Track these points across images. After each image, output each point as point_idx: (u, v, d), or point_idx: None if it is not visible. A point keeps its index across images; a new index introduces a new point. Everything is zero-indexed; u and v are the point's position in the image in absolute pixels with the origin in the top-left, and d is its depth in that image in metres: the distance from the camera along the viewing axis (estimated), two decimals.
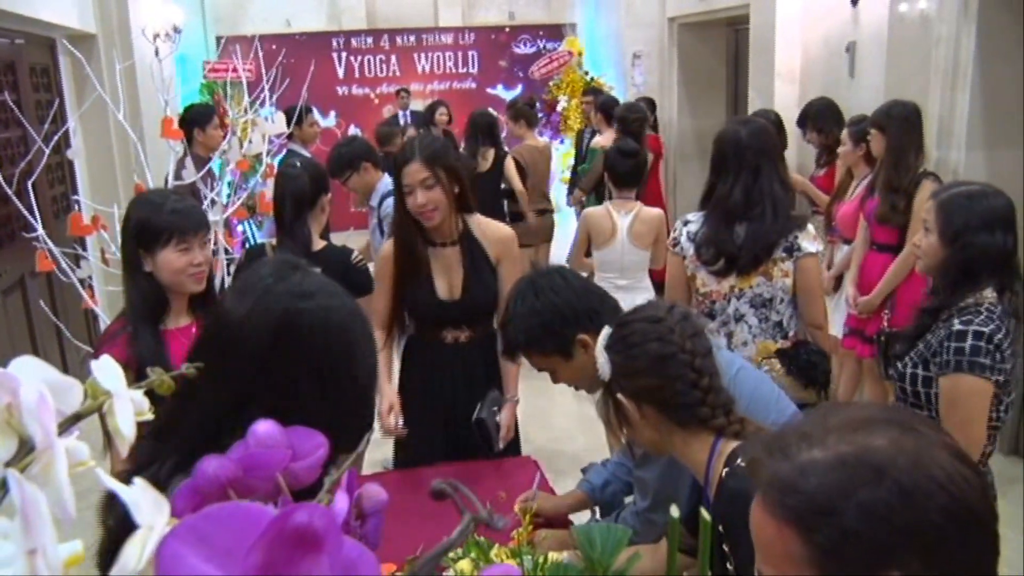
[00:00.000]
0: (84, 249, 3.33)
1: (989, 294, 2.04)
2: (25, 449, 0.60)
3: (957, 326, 2.00)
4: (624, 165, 3.89)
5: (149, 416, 0.65)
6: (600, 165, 5.65)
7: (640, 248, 3.83)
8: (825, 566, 0.77)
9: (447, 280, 2.55)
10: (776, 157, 2.65)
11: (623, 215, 3.83)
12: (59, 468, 0.53)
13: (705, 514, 0.64)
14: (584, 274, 3.82)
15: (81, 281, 3.08)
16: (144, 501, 0.45)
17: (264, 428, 0.76)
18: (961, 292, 2.07)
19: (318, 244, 2.86)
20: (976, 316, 2.00)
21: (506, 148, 5.82)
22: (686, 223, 2.74)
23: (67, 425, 0.60)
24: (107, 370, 0.63)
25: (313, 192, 2.87)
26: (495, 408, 2.54)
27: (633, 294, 3.67)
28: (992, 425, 2.09)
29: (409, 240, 2.52)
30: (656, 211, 3.97)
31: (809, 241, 2.58)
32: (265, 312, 1.10)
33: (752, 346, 2.65)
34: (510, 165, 5.63)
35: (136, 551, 0.42)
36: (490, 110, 6.34)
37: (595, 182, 5.75)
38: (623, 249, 3.82)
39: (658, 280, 6.04)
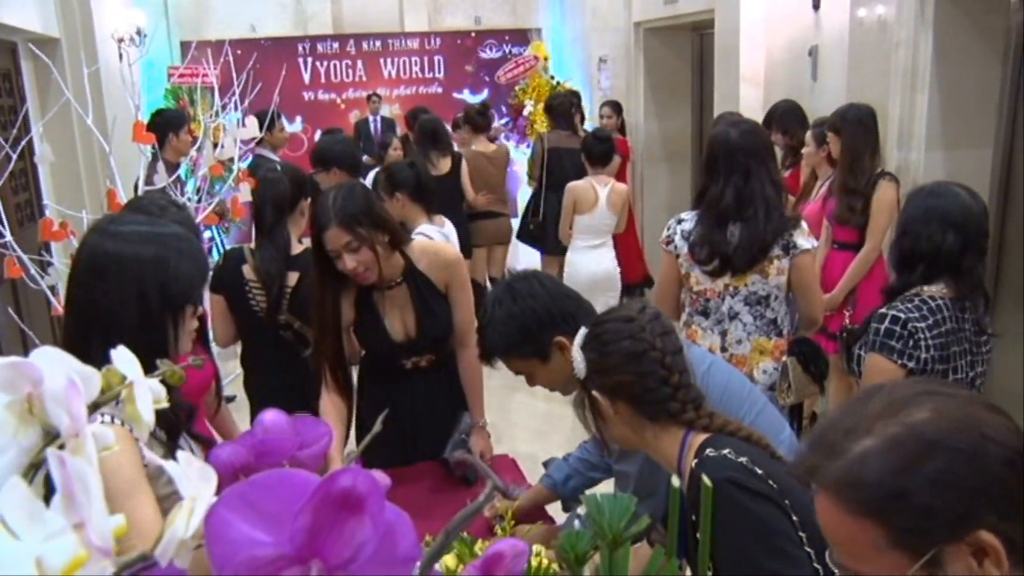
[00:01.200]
0: (49, 255, 3.30)
1: (936, 289, 2.17)
2: (48, 438, 0.62)
3: (882, 309, 2.17)
4: (599, 148, 4.91)
5: (165, 404, 0.68)
6: (538, 147, 6.02)
7: (613, 214, 4.84)
8: (911, 545, 0.80)
9: (399, 320, 2.46)
10: (767, 157, 2.67)
11: (602, 187, 4.83)
12: (89, 452, 0.55)
13: (707, 480, 0.67)
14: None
15: (50, 288, 3.06)
16: (189, 472, 0.47)
17: (271, 417, 0.78)
18: (903, 278, 2.24)
19: (297, 248, 2.86)
20: (904, 304, 2.15)
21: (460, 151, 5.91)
22: (680, 221, 2.76)
23: (88, 413, 0.62)
24: (125, 359, 0.65)
25: (293, 196, 2.87)
26: (463, 436, 2.52)
27: (604, 250, 4.90)
28: None
29: (336, 306, 2.38)
30: (624, 185, 5.10)
31: (804, 238, 2.62)
32: (82, 244, 1.43)
33: (747, 344, 2.68)
34: (465, 169, 5.72)
35: (183, 520, 0.44)
36: (434, 114, 6.32)
37: (540, 167, 5.96)
38: (601, 215, 4.81)
39: (629, 282, 6.18)
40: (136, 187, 3.40)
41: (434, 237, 3.37)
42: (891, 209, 3.76)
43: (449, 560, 1.71)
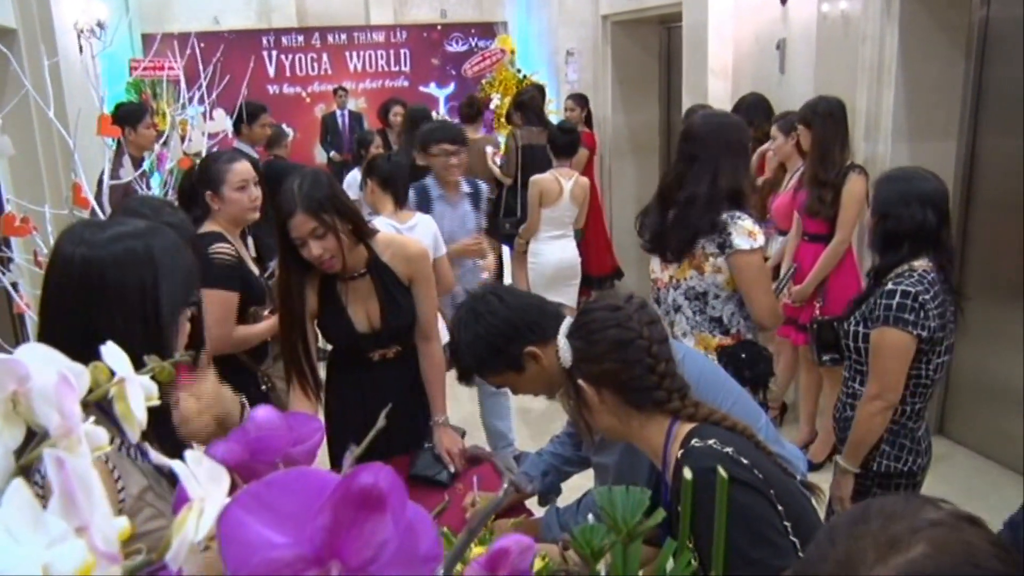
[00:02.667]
0: (9, 251, 3.22)
1: (923, 263, 2.31)
2: (37, 438, 0.59)
3: (889, 286, 2.29)
4: (563, 139, 4.98)
5: (156, 402, 0.65)
6: (512, 144, 6.02)
7: (575, 207, 4.94)
8: None
9: (363, 312, 2.45)
10: (722, 147, 2.60)
11: (566, 180, 4.88)
12: (83, 453, 0.53)
13: (723, 472, 0.66)
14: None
15: (12, 285, 2.98)
16: (199, 472, 0.45)
17: (263, 414, 0.76)
18: (888, 257, 2.36)
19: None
20: (908, 279, 2.28)
21: None
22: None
23: None
24: (116, 356, 0.63)
25: (190, 191, 2.87)
26: (428, 446, 2.51)
27: (566, 241, 4.99)
28: (922, 382, 2.34)
29: (301, 293, 2.38)
30: (585, 179, 5.15)
31: (743, 238, 2.52)
32: (59, 254, 1.32)
33: (691, 337, 2.67)
34: None
35: (193, 522, 0.42)
36: (423, 105, 6.42)
37: (515, 165, 5.97)
38: (565, 207, 4.89)
39: (598, 274, 6.19)
40: (100, 181, 3.32)
41: (380, 229, 3.33)
42: (861, 201, 3.80)
43: None
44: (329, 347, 2.68)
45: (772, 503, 1.37)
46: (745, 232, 2.53)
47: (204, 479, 0.45)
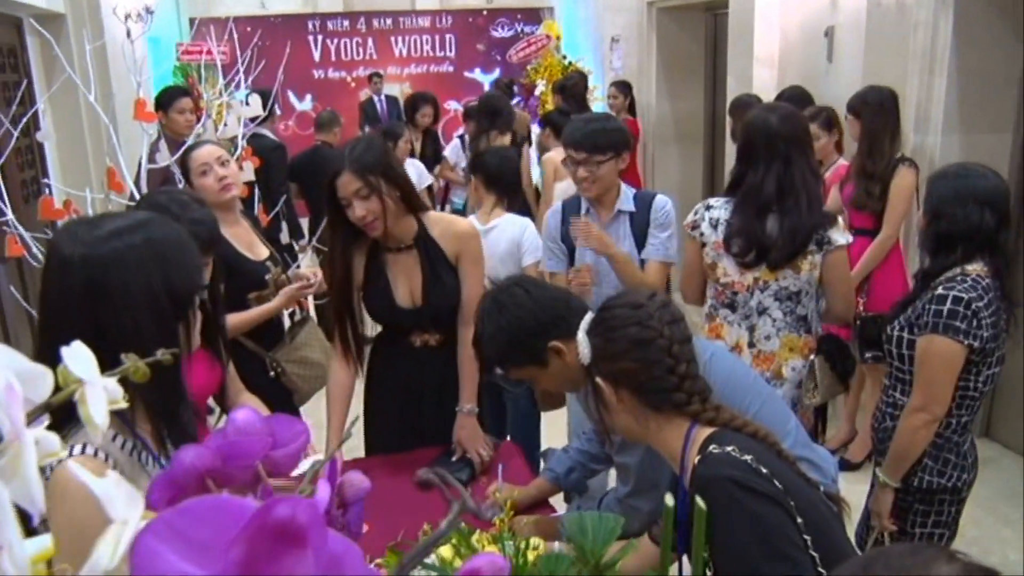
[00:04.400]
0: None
1: (978, 267, 2.17)
2: None
3: (940, 291, 2.15)
4: (563, 122, 4.67)
5: (123, 404, 0.63)
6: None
7: None
8: None
9: (407, 287, 2.44)
10: (807, 144, 2.55)
11: None
12: (28, 460, 0.51)
13: (700, 503, 0.62)
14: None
15: None
16: (117, 495, 0.43)
17: (243, 416, 0.74)
18: (940, 260, 2.23)
19: None
20: (960, 284, 2.14)
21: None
22: (708, 208, 2.64)
23: (36, 415, 0.58)
24: (78, 356, 0.61)
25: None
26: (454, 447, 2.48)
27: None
28: (970, 394, 2.20)
29: (347, 256, 2.41)
30: None
31: (839, 233, 2.50)
32: (56, 254, 1.26)
33: (776, 340, 2.59)
34: (527, 153, 5.54)
35: (109, 548, 0.39)
36: (495, 91, 6.36)
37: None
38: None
39: None
40: (139, 166, 3.36)
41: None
42: (910, 196, 3.68)
43: (446, 551, 1.68)
44: (376, 332, 2.67)
45: (791, 515, 1.31)
46: (840, 228, 2.53)
47: (122, 502, 0.42)
